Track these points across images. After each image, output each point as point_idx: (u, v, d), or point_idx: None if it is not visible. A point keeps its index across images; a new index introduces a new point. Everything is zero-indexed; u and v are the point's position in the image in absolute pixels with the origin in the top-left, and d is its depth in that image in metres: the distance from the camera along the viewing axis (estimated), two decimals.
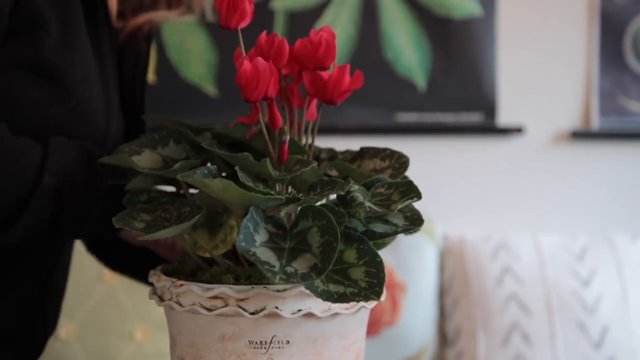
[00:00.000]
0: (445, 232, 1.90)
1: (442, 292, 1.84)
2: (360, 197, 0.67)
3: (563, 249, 1.79)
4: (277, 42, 0.69)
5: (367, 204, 0.66)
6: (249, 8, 0.68)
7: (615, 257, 1.78)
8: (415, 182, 0.69)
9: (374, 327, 1.74)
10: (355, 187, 0.68)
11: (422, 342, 1.78)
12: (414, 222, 0.68)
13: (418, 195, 0.68)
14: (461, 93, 1.94)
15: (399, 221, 0.69)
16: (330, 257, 0.61)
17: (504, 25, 1.94)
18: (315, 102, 0.74)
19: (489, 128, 1.95)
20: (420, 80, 1.95)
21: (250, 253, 0.60)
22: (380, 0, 1.93)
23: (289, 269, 0.60)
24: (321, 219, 0.63)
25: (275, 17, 1.94)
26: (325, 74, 0.70)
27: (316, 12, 1.94)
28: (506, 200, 1.96)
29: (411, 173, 0.76)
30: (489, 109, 1.94)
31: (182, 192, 0.75)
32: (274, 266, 0.60)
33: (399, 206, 0.66)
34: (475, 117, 1.95)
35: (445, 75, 1.94)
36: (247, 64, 0.65)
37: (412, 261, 1.80)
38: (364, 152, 0.77)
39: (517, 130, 1.94)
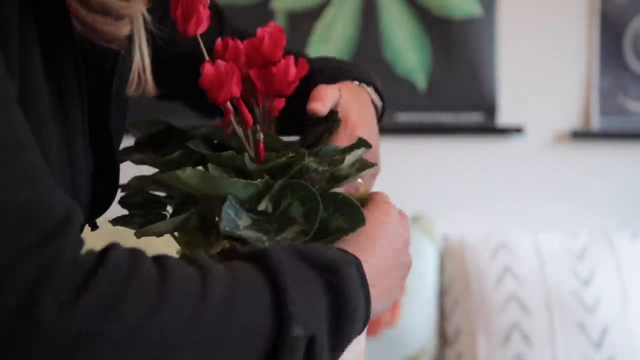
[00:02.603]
0: (445, 232, 1.90)
1: (442, 293, 1.84)
2: (313, 164, 0.68)
3: (563, 248, 1.79)
4: (231, 45, 0.70)
5: (321, 167, 0.68)
6: (204, 13, 0.68)
7: (615, 256, 1.78)
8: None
9: (374, 327, 1.74)
10: (310, 159, 0.69)
11: (422, 342, 1.78)
12: (366, 165, 0.71)
13: (367, 145, 0.71)
14: (461, 93, 1.94)
15: (354, 174, 0.71)
16: (314, 219, 0.63)
17: (504, 25, 1.93)
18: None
19: (489, 128, 1.95)
20: (420, 80, 1.95)
21: (237, 235, 0.61)
22: (380, 0, 1.93)
23: (278, 238, 0.62)
24: (299, 191, 0.65)
25: (275, 17, 1.94)
26: (272, 68, 0.71)
27: (316, 12, 1.94)
28: (506, 201, 1.96)
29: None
30: (489, 109, 1.94)
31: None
32: (262, 239, 0.62)
33: (348, 156, 0.69)
34: (475, 117, 1.95)
35: (445, 75, 1.94)
36: (208, 67, 0.66)
37: (412, 261, 1.80)
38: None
39: (517, 130, 1.94)
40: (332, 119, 0.75)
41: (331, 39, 1.94)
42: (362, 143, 0.72)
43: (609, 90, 1.93)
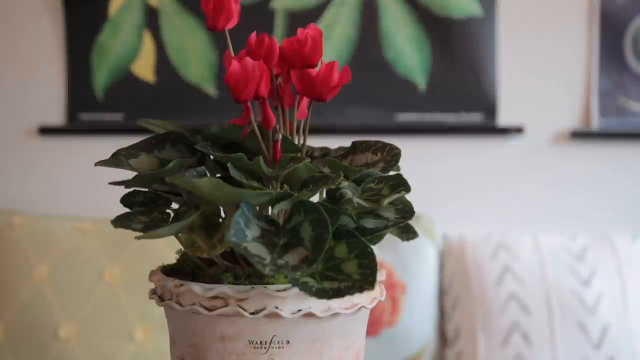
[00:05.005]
0: (445, 232, 1.90)
1: (442, 292, 1.84)
2: (349, 193, 0.67)
3: (563, 248, 1.79)
4: (267, 42, 0.69)
5: (356, 199, 0.66)
6: (235, 8, 0.68)
7: (615, 257, 1.78)
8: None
9: (374, 327, 1.75)
10: (345, 183, 0.68)
11: (422, 342, 1.78)
12: (405, 214, 0.69)
13: (407, 188, 0.68)
14: (461, 93, 1.95)
15: (390, 215, 0.69)
16: (321, 248, 0.61)
17: (504, 25, 1.94)
18: (305, 100, 0.74)
19: (489, 128, 1.95)
20: (420, 80, 1.95)
21: (241, 247, 0.60)
22: (380, 0, 1.94)
23: (280, 262, 0.61)
24: (312, 212, 0.64)
25: (275, 17, 1.94)
26: (313, 71, 0.70)
27: (316, 12, 1.94)
28: (506, 200, 1.96)
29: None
30: (489, 109, 1.94)
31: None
32: (264, 259, 0.60)
33: (387, 200, 0.67)
34: (475, 117, 1.95)
35: (445, 75, 1.94)
36: (235, 64, 0.65)
37: (412, 261, 1.80)
38: (356, 147, 0.77)
39: (517, 130, 1.94)
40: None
41: (331, 39, 1.94)
42: (402, 182, 0.69)
43: (609, 91, 1.94)
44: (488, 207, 1.96)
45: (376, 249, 0.67)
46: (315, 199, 0.68)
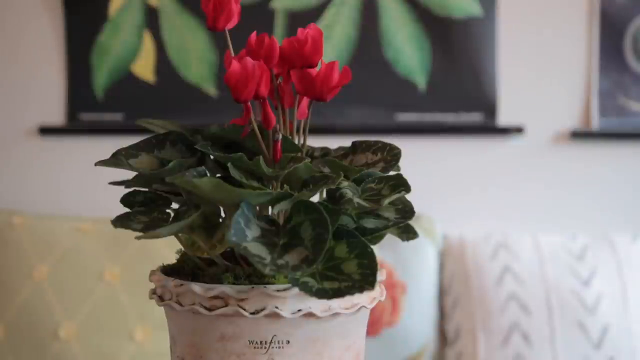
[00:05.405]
0: (445, 232, 1.90)
1: (442, 292, 1.84)
2: (349, 193, 0.67)
3: (563, 248, 1.79)
4: (267, 42, 0.69)
5: (356, 199, 0.66)
6: (235, 8, 0.68)
7: (615, 257, 1.78)
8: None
9: (374, 327, 1.75)
10: (345, 183, 0.68)
11: (422, 342, 1.78)
12: (405, 214, 0.69)
13: (407, 188, 0.68)
14: (461, 93, 1.94)
15: (390, 215, 0.69)
16: (321, 248, 0.61)
17: (504, 25, 1.94)
18: (305, 100, 0.74)
19: (489, 128, 1.95)
20: (420, 80, 1.95)
21: (242, 247, 0.60)
22: (380, 0, 1.94)
23: (280, 262, 0.61)
24: (312, 212, 0.64)
25: (275, 17, 1.94)
26: (313, 71, 0.70)
27: (316, 12, 1.94)
28: (506, 200, 1.96)
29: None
30: (489, 109, 1.94)
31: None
32: (264, 259, 0.60)
33: (387, 200, 0.67)
34: (475, 117, 1.95)
35: (445, 75, 1.94)
36: (235, 64, 0.65)
37: (412, 261, 1.80)
38: (356, 146, 0.77)
39: (517, 130, 1.94)
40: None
41: (331, 39, 1.94)
42: (402, 182, 0.69)
43: (609, 91, 1.94)
44: (488, 207, 1.96)
45: (376, 249, 0.67)
46: (315, 199, 0.68)
